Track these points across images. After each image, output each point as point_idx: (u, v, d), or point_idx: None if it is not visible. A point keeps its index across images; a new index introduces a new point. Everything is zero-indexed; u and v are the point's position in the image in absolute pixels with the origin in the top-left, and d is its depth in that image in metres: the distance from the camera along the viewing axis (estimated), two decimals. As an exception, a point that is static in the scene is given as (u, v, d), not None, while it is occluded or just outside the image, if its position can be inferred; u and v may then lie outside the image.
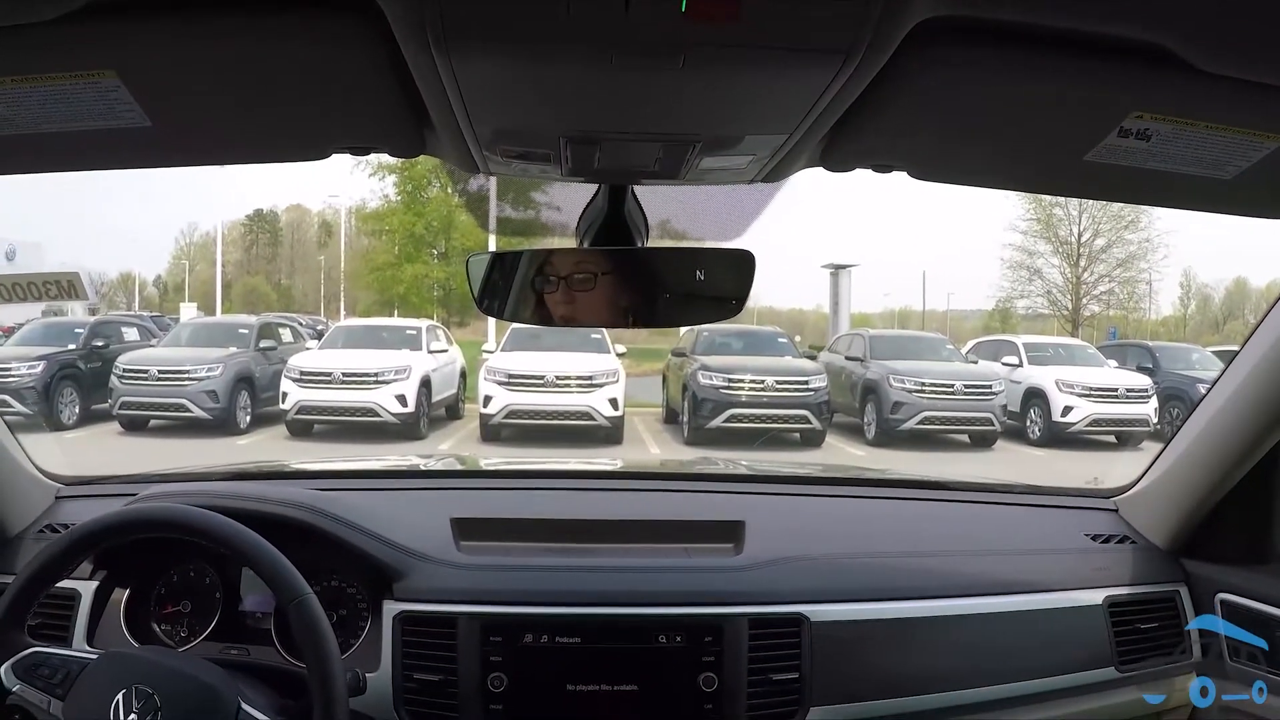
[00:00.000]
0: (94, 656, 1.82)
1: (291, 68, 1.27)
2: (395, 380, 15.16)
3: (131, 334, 19.24)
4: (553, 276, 1.68)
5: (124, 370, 15.53)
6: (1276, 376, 2.24)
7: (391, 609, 2.23)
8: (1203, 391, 2.49)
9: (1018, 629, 2.39)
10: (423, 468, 3.48)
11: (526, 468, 3.75)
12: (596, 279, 1.68)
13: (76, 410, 16.31)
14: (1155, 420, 16.60)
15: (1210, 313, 51.81)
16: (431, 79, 1.19)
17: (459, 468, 3.83)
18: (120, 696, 1.70)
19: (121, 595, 2.30)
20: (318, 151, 1.56)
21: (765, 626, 2.24)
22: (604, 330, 13.31)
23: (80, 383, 16.48)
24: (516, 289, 1.71)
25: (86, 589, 2.25)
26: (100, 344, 17.50)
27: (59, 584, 1.97)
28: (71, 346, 17.10)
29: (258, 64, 1.25)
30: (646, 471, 3.53)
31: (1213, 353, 20.69)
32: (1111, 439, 16.86)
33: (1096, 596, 2.46)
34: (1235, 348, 2.52)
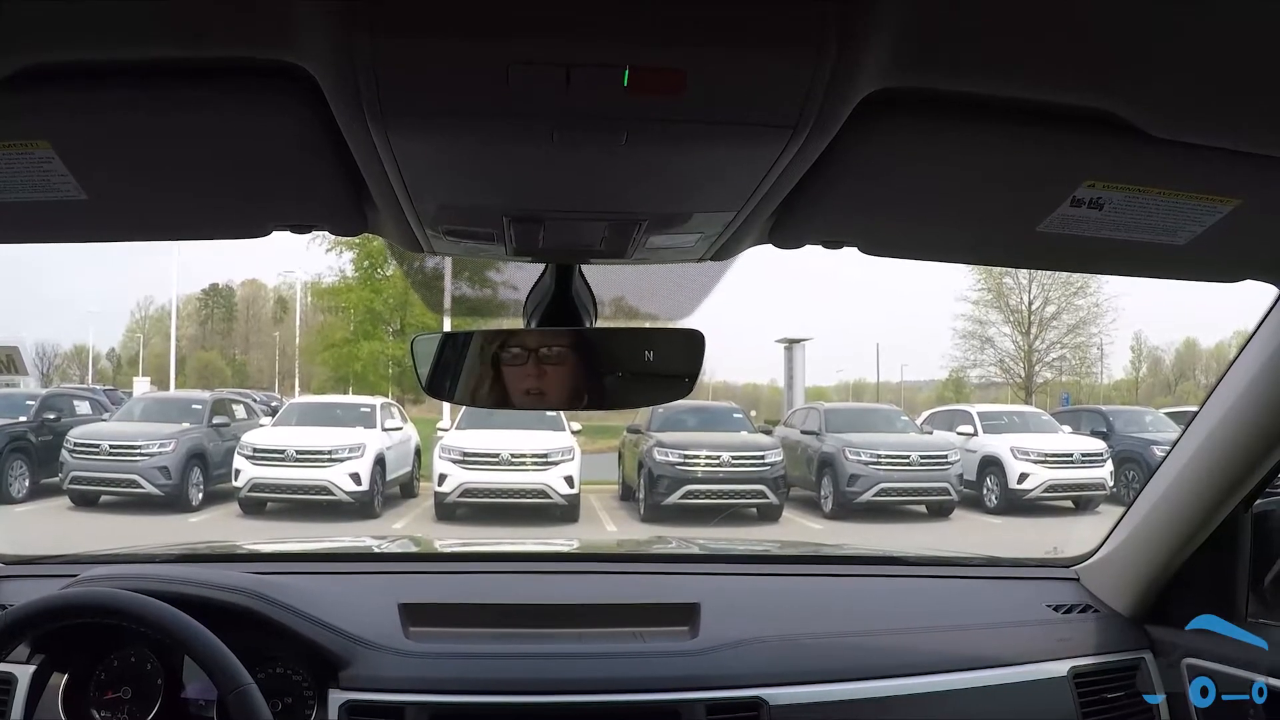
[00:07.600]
0: None
1: (228, 143, 1.25)
2: (349, 458, 15.02)
3: (84, 407, 18.88)
4: (500, 358, 1.66)
5: (75, 444, 15.24)
6: (1234, 440, 2.23)
7: (337, 698, 2.17)
8: (1158, 454, 2.49)
9: (983, 705, 2.35)
10: (374, 550, 3.41)
11: (478, 550, 3.68)
12: (544, 361, 1.66)
13: (26, 484, 15.99)
14: (1111, 484, 16.74)
15: (1162, 375, 52.20)
16: (370, 155, 1.17)
17: (410, 550, 3.75)
18: None
19: (60, 680, 2.22)
20: (257, 229, 1.54)
21: (723, 712, 2.19)
22: (558, 407, 13.30)
23: (30, 456, 16.19)
24: (465, 372, 1.69)
25: (24, 673, 2.16)
26: (52, 417, 17.18)
27: None
28: (22, 419, 16.81)
29: (193, 138, 1.23)
30: (600, 553, 3.48)
31: (1166, 414, 20.94)
32: (1069, 504, 16.94)
33: (1061, 668, 2.43)
34: (1189, 409, 2.52)
